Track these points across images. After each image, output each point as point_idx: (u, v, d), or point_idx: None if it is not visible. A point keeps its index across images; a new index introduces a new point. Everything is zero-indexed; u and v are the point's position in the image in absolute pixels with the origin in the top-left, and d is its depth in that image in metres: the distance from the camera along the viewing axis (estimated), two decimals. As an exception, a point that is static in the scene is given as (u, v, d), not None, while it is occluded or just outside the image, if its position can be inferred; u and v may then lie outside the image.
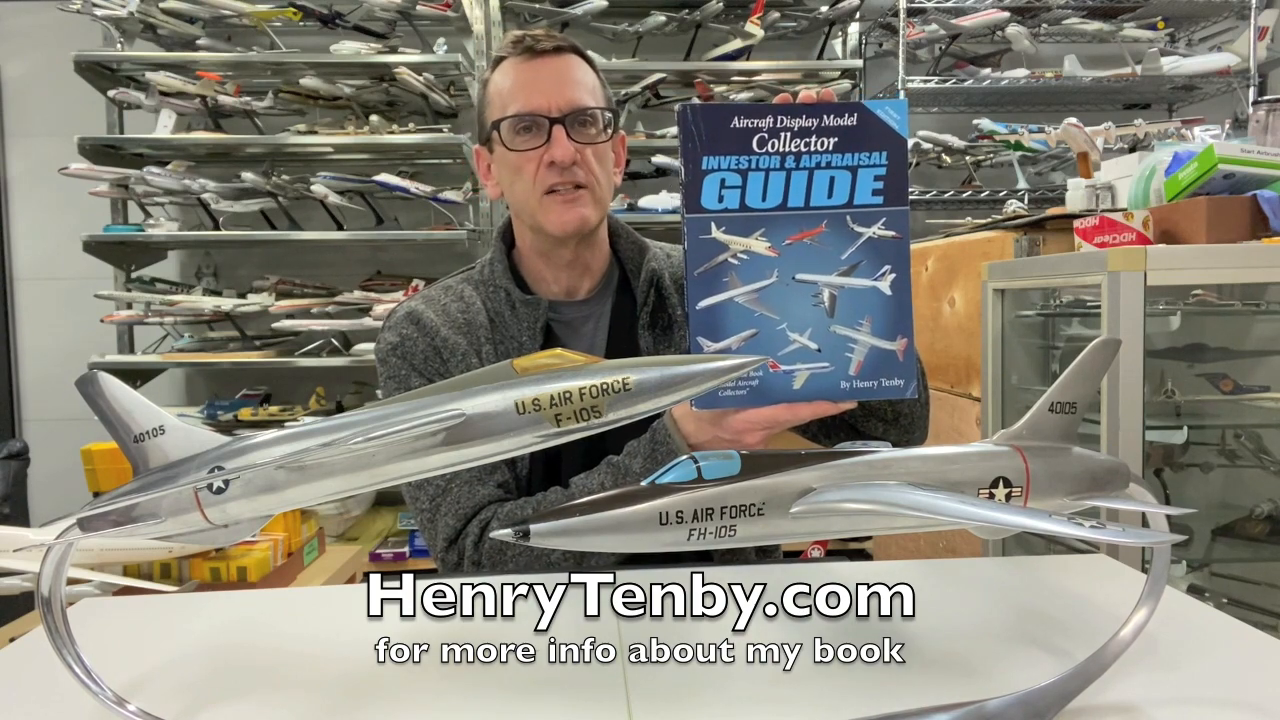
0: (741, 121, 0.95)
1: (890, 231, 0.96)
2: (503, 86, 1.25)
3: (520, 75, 1.24)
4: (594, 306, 1.35)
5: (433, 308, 1.30)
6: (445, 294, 1.34)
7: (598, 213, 1.27)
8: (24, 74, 4.03)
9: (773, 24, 3.77)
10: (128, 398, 0.65)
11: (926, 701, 0.68)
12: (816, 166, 0.96)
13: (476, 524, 1.18)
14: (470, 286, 1.34)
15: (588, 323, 1.34)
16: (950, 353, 2.42)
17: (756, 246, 0.96)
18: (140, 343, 3.87)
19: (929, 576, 1.01)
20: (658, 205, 3.70)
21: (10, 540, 1.47)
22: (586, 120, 1.24)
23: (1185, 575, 1.84)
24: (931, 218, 3.54)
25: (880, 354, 0.95)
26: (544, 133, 1.21)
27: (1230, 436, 1.94)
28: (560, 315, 1.33)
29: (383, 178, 3.59)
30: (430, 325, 1.28)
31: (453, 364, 1.26)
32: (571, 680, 0.73)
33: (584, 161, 1.23)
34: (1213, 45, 4.01)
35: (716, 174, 0.95)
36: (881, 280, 0.95)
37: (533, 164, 1.23)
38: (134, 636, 0.90)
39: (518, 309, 1.28)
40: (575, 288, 1.34)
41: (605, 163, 1.28)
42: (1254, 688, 0.73)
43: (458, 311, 1.30)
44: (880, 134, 0.96)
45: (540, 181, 1.23)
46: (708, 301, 0.96)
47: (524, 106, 1.22)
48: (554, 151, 1.21)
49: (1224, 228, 1.61)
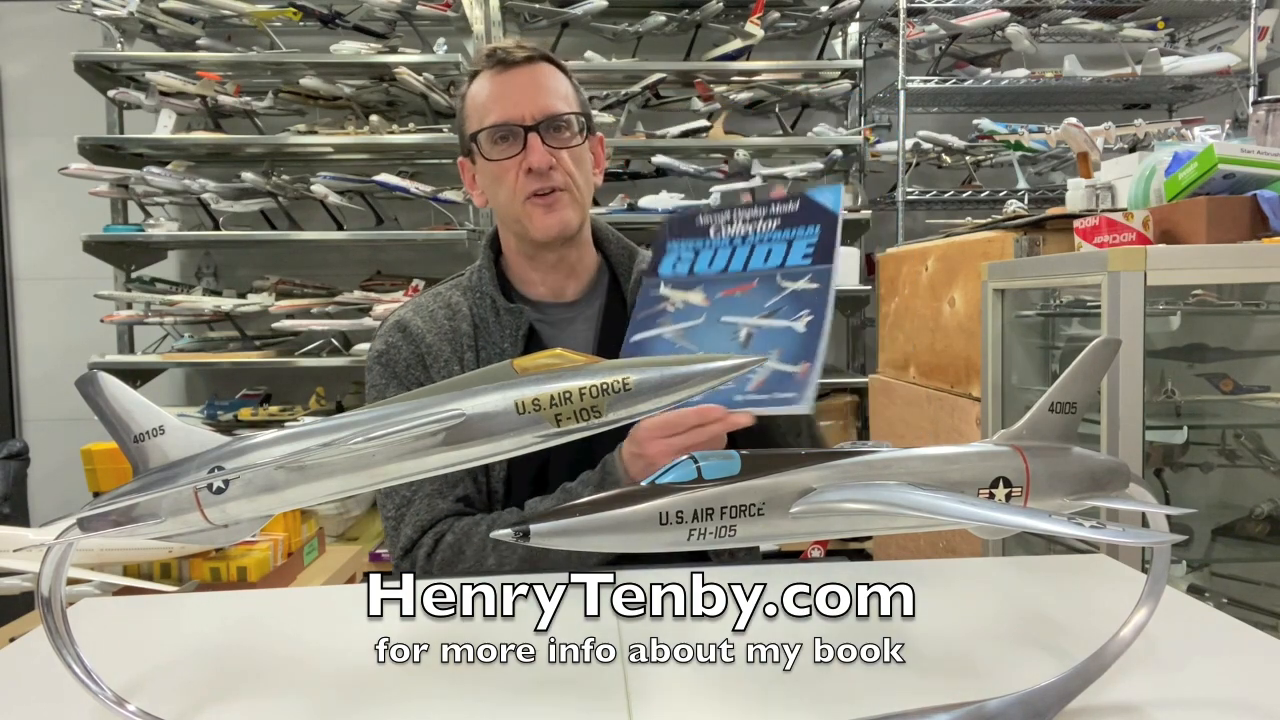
0: (704, 219, 1.20)
1: (814, 285, 1.10)
2: (478, 99, 1.31)
3: (494, 87, 1.29)
4: (582, 308, 1.39)
5: (420, 315, 1.35)
6: (434, 300, 1.38)
7: (578, 214, 1.32)
8: (24, 74, 4.03)
9: (773, 24, 3.77)
10: (127, 398, 0.65)
11: (926, 701, 0.68)
12: (759, 242, 1.15)
13: (431, 536, 1.22)
14: (459, 293, 1.38)
15: (574, 324, 1.38)
16: (950, 353, 2.42)
17: (693, 299, 1.16)
18: (140, 343, 3.87)
19: (929, 576, 1.01)
20: (657, 205, 3.69)
21: (10, 540, 1.47)
22: (560, 125, 1.29)
23: (1185, 575, 1.84)
24: (931, 218, 3.53)
25: (780, 375, 1.07)
26: (520, 141, 1.27)
27: (1230, 436, 1.94)
28: (547, 317, 1.37)
29: (383, 178, 3.59)
30: (416, 333, 1.32)
31: (435, 369, 1.31)
32: (571, 680, 0.73)
33: (560, 165, 1.28)
34: (1213, 45, 4.01)
35: (676, 252, 1.17)
36: (798, 321, 1.09)
37: (512, 172, 1.28)
38: (134, 636, 0.90)
39: (501, 316, 1.33)
40: (562, 289, 1.39)
41: (583, 165, 1.33)
42: (1254, 688, 0.73)
43: (444, 318, 1.34)
44: (817, 213, 1.13)
45: (521, 188, 1.28)
46: (640, 336, 1.16)
47: (499, 117, 1.27)
48: (530, 158, 1.26)
49: (1224, 228, 1.61)
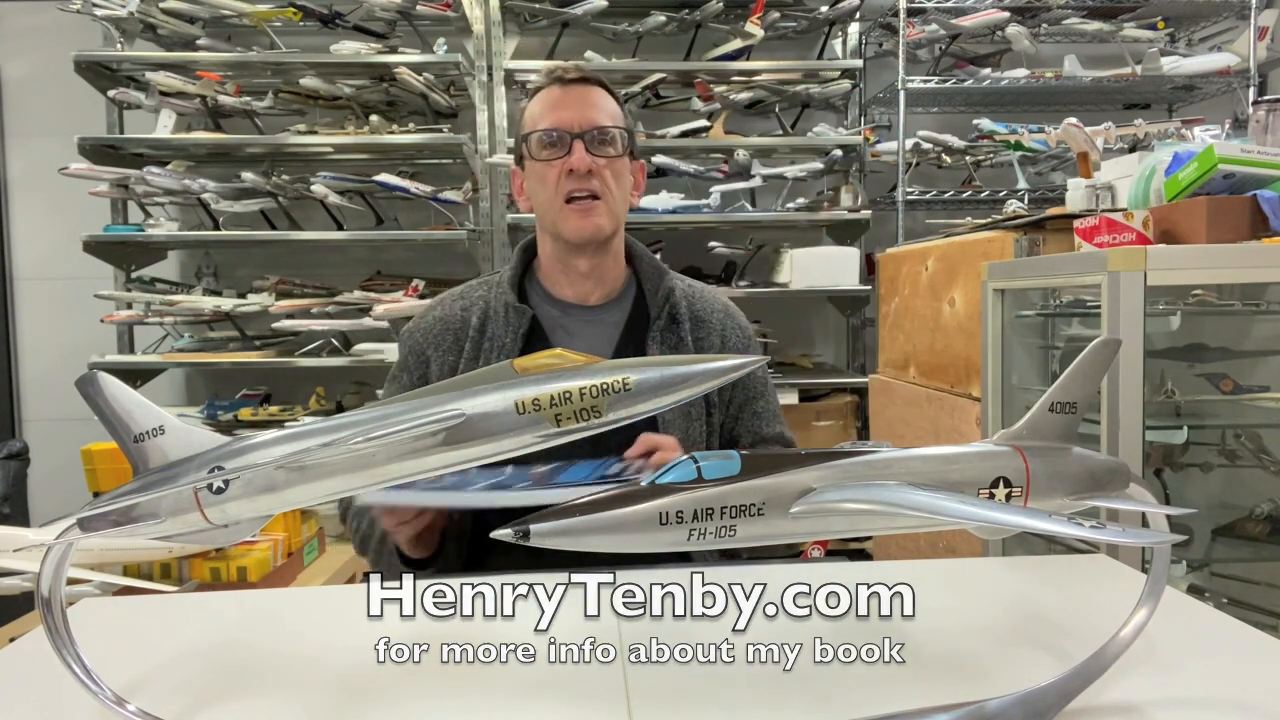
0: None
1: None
2: (535, 110, 1.44)
3: (549, 99, 1.43)
4: (602, 314, 1.47)
5: (443, 303, 1.49)
6: (463, 291, 1.50)
7: (611, 224, 1.41)
8: (24, 74, 4.03)
9: (773, 24, 3.77)
10: (127, 398, 0.65)
11: (926, 701, 0.68)
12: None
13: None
14: (485, 288, 1.50)
15: (595, 327, 1.46)
16: (950, 353, 2.42)
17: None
18: (140, 343, 3.87)
19: (929, 576, 1.01)
20: (658, 205, 3.68)
21: (10, 540, 1.47)
22: (604, 139, 1.39)
23: (1185, 575, 1.84)
24: (931, 218, 3.53)
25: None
26: (566, 146, 1.38)
27: (1230, 436, 1.94)
28: (570, 317, 1.45)
29: (383, 178, 3.59)
30: (429, 321, 1.46)
31: (434, 359, 1.43)
32: (571, 680, 0.73)
33: (599, 174, 1.38)
34: (1213, 45, 4.01)
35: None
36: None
37: (555, 171, 1.38)
38: (134, 636, 0.90)
39: (509, 312, 1.43)
40: (587, 294, 1.47)
41: (621, 180, 1.43)
42: (1254, 688, 0.73)
43: (459, 308, 1.46)
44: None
45: (560, 189, 1.38)
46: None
47: (551, 123, 1.40)
48: (572, 160, 1.36)
49: (1224, 228, 1.61)
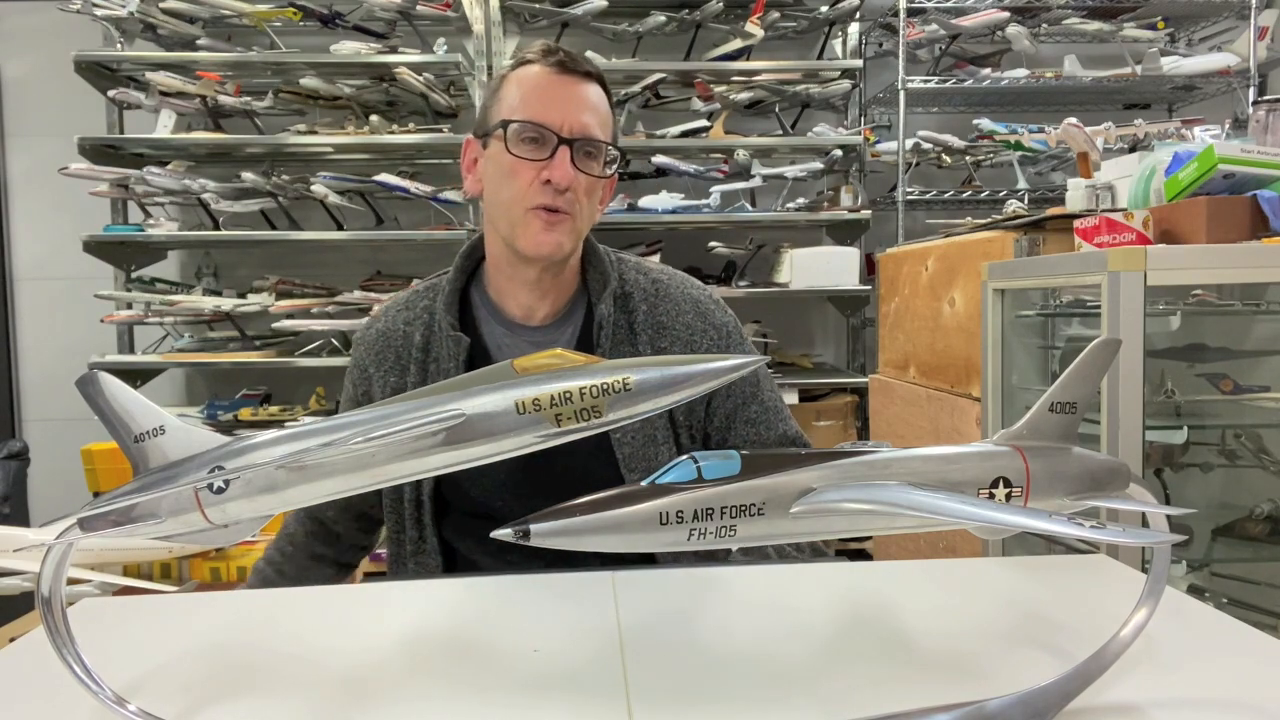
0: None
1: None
2: (522, 87, 1.23)
3: (542, 83, 1.22)
4: (551, 334, 1.31)
5: (387, 315, 1.37)
6: (411, 299, 1.37)
7: (573, 242, 1.26)
8: (24, 74, 4.03)
9: (773, 24, 3.77)
10: (128, 398, 0.65)
11: (926, 701, 0.68)
12: None
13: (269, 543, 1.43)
14: (430, 295, 1.35)
15: (540, 349, 1.34)
16: (950, 353, 2.42)
17: None
18: (140, 343, 3.88)
19: (929, 576, 1.01)
20: (658, 205, 3.69)
21: (10, 540, 1.47)
22: (592, 151, 1.23)
23: (1185, 575, 1.84)
24: (931, 218, 3.54)
25: None
26: (549, 148, 1.20)
27: (1230, 436, 1.94)
28: (516, 338, 1.30)
29: (383, 178, 3.59)
30: (371, 335, 1.36)
31: (375, 377, 1.33)
32: (571, 680, 0.73)
33: (575, 189, 1.21)
34: (1213, 45, 4.01)
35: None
36: None
37: (529, 173, 1.20)
38: (134, 636, 0.90)
39: (447, 341, 1.28)
40: (532, 311, 1.31)
41: (594, 196, 1.27)
42: (1254, 688, 0.73)
43: (401, 323, 1.34)
44: None
45: (530, 195, 1.21)
46: None
47: (539, 116, 1.20)
48: (554, 172, 1.19)
49: (1224, 228, 1.61)
